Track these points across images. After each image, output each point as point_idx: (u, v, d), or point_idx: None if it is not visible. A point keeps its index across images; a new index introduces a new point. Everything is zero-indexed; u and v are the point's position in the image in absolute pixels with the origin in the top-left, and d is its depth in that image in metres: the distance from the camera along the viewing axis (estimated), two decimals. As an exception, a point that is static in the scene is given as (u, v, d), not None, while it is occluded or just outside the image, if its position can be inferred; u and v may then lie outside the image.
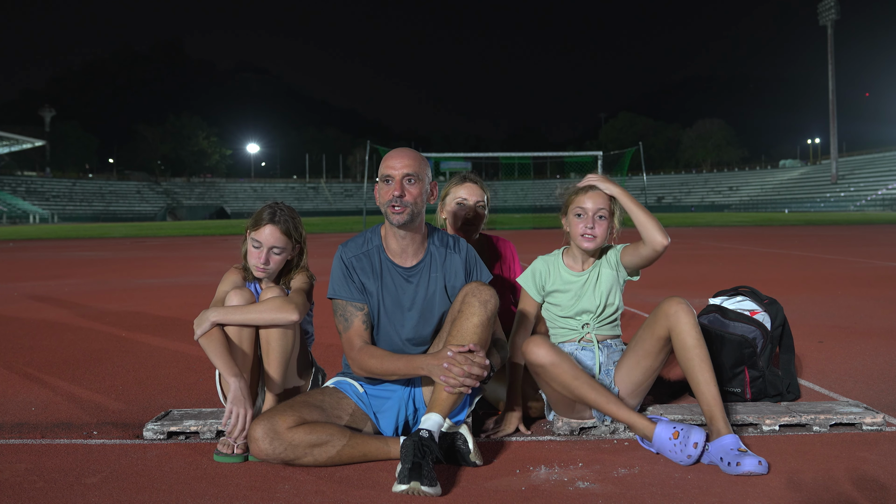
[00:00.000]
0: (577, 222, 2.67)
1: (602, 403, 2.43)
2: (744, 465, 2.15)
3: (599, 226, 2.64)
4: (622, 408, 2.42)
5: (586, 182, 2.67)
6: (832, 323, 4.99)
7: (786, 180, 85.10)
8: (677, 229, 26.07)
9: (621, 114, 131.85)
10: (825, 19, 72.44)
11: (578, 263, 2.76)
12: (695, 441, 2.23)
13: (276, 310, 2.43)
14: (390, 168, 2.39)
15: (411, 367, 2.31)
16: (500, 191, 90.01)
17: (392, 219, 2.37)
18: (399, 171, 2.37)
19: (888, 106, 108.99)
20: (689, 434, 2.25)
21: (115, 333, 5.06)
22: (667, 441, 2.28)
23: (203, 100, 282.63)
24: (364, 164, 73.44)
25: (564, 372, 2.43)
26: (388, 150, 18.81)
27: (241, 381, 2.38)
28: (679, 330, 2.44)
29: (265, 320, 2.44)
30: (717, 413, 2.36)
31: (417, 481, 2.00)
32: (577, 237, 2.67)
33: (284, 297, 2.48)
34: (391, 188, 2.36)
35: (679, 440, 2.26)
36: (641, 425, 2.37)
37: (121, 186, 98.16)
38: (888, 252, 12.15)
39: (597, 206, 2.63)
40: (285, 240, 2.58)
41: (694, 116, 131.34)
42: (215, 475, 2.25)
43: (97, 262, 13.20)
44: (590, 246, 2.66)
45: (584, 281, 2.73)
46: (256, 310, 2.45)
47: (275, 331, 2.46)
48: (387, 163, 2.41)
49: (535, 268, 2.81)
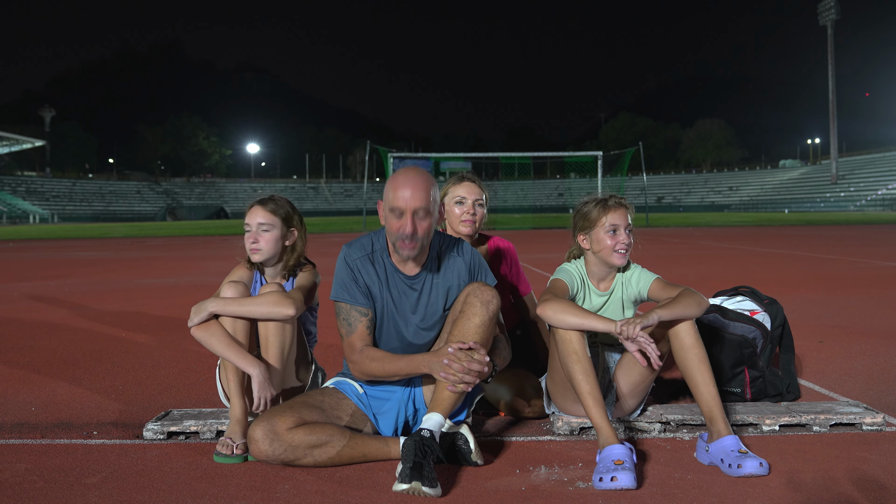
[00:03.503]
0: (608, 238, 2.63)
1: (584, 393, 2.34)
2: (745, 467, 2.14)
3: (627, 239, 2.64)
4: (599, 408, 2.32)
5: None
6: (832, 323, 4.99)
7: (786, 180, 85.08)
8: (677, 229, 26.07)
9: (621, 114, 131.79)
10: (825, 19, 72.41)
11: (601, 282, 2.75)
12: (616, 479, 2.07)
13: (272, 304, 2.44)
14: (401, 200, 2.25)
15: (412, 366, 2.31)
16: (500, 191, 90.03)
17: (402, 253, 2.31)
18: (410, 205, 2.25)
19: (888, 106, 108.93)
20: (622, 470, 2.08)
21: (115, 333, 5.06)
22: (607, 461, 2.16)
23: (203, 100, 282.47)
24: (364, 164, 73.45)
25: (570, 342, 2.39)
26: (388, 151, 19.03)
27: (261, 367, 2.42)
28: (677, 330, 2.44)
29: (261, 314, 2.45)
30: (717, 414, 2.34)
31: (418, 481, 2.00)
32: (610, 253, 2.64)
33: (282, 292, 2.48)
34: (402, 223, 2.26)
35: (611, 468, 2.11)
36: (604, 436, 2.26)
37: (121, 186, 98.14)
38: (888, 252, 12.15)
39: (626, 221, 2.64)
40: (271, 216, 2.62)
41: (694, 116, 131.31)
42: (215, 475, 2.25)
43: (97, 262, 13.20)
44: (622, 261, 2.65)
45: (606, 301, 2.73)
46: (254, 302, 2.46)
47: (272, 325, 2.47)
48: (396, 192, 2.26)
49: (571, 272, 2.72)
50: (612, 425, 2.30)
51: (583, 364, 2.38)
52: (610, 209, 2.65)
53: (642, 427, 2.63)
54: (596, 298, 2.74)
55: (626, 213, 2.64)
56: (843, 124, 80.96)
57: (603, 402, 2.35)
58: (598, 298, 2.74)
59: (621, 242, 2.62)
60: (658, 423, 2.62)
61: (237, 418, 2.45)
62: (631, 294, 2.72)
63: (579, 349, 2.39)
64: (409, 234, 2.26)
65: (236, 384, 2.47)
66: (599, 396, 2.35)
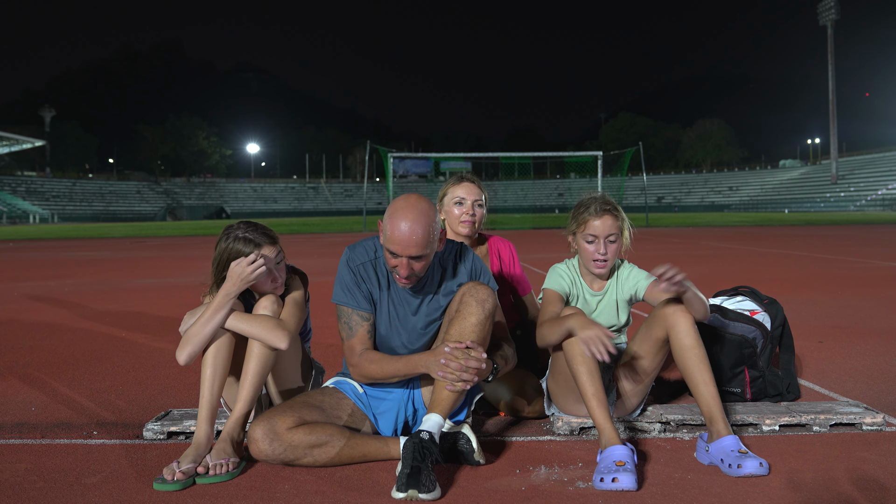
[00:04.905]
0: (587, 247, 2.63)
1: (588, 394, 2.33)
2: (745, 467, 2.14)
3: (610, 250, 2.62)
4: (602, 408, 2.31)
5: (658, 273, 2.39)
6: (832, 323, 4.98)
7: (786, 180, 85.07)
8: (677, 229, 26.07)
9: (621, 114, 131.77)
10: (825, 19, 72.42)
11: (594, 281, 2.75)
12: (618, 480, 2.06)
13: (268, 329, 2.36)
14: (397, 245, 2.22)
15: (410, 366, 2.31)
16: (500, 191, 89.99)
17: (398, 282, 2.33)
18: (406, 252, 2.23)
19: (888, 106, 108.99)
20: (624, 472, 2.07)
21: (115, 333, 5.06)
22: (608, 461, 2.15)
23: (203, 100, 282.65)
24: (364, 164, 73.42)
25: (575, 343, 2.37)
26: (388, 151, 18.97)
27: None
28: (677, 330, 2.43)
29: (255, 335, 2.37)
30: (717, 414, 2.34)
31: (415, 489, 1.99)
32: (589, 262, 2.65)
33: (277, 320, 2.39)
34: (397, 263, 2.26)
35: (612, 469, 2.10)
36: (606, 436, 2.25)
37: (121, 186, 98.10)
38: (888, 252, 12.15)
39: (607, 231, 2.60)
40: (276, 247, 2.51)
41: (694, 116, 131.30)
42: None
43: (97, 262, 13.20)
44: (601, 272, 2.65)
45: (599, 301, 2.74)
46: (248, 321, 2.38)
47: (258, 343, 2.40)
48: (394, 234, 2.22)
49: (562, 274, 2.72)
50: (615, 426, 2.29)
51: (588, 365, 2.37)
52: (589, 218, 2.61)
53: (642, 427, 2.63)
54: (590, 298, 2.75)
55: (609, 222, 2.59)
56: (843, 124, 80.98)
57: (607, 404, 2.34)
58: (591, 298, 2.75)
59: (599, 254, 2.61)
60: (658, 423, 2.62)
61: (198, 441, 2.30)
62: (625, 294, 2.73)
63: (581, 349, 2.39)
64: (404, 276, 2.28)
65: (208, 409, 2.34)
66: (604, 397, 2.35)
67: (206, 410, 2.34)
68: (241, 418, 2.37)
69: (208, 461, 2.23)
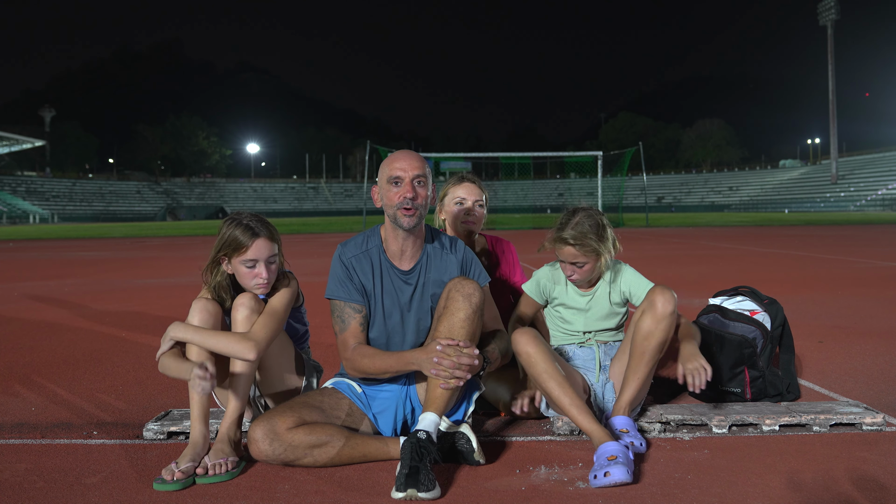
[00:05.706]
0: (561, 265, 2.74)
1: (565, 405, 2.36)
2: (612, 475, 2.06)
3: (579, 273, 2.68)
4: (584, 413, 2.32)
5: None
6: (832, 323, 4.99)
7: (786, 180, 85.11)
8: (677, 229, 26.08)
9: (621, 114, 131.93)
10: (825, 19, 72.47)
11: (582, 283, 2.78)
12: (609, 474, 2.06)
13: (233, 342, 2.32)
14: (399, 170, 2.35)
15: (402, 362, 2.31)
16: (500, 191, 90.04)
17: (403, 222, 2.35)
18: (409, 172, 2.34)
19: (888, 106, 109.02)
20: (615, 465, 2.08)
21: (115, 333, 5.06)
22: (601, 458, 2.16)
23: (203, 100, 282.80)
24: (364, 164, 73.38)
25: (536, 364, 2.41)
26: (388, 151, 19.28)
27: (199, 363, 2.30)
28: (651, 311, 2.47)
29: (222, 351, 2.34)
30: (621, 404, 2.48)
31: (414, 488, 2.00)
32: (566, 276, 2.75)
33: (243, 334, 2.35)
34: (402, 190, 2.33)
35: (604, 465, 2.11)
36: (596, 437, 2.25)
37: (121, 186, 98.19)
38: (888, 252, 12.15)
39: (573, 258, 2.65)
40: (273, 245, 2.48)
41: (694, 116, 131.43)
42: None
43: (97, 262, 13.20)
44: (581, 287, 2.76)
45: (590, 300, 2.76)
46: (214, 337, 2.34)
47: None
48: (394, 164, 2.37)
49: (541, 279, 2.82)
50: (601, 425, 2.30)
51: (555, 378, 2.40)
52: (557, 241, 2.67)
53: (642, 427, 2.62)
54: (577, 297, 2.77)
55: (573, 252, 2.63)
56: (843, 124, 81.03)
57: (586, 406, 2.36)
58: (580, 298, 2.77)
59: (569, 275, 2.71)
60: (658, 423, 2.62)
61: (194, 441, 2.29)
62: (617, 295, 2.75)
63: (547, 367, 2.41)
64: (410, 198, 2.32)
65: (199, 408, 2.32)
66: (581, 402, 2.36)
67: (196, 409, 2.33)
68: (235, 418, 2.38)
69: (207, 462, 2.23)
